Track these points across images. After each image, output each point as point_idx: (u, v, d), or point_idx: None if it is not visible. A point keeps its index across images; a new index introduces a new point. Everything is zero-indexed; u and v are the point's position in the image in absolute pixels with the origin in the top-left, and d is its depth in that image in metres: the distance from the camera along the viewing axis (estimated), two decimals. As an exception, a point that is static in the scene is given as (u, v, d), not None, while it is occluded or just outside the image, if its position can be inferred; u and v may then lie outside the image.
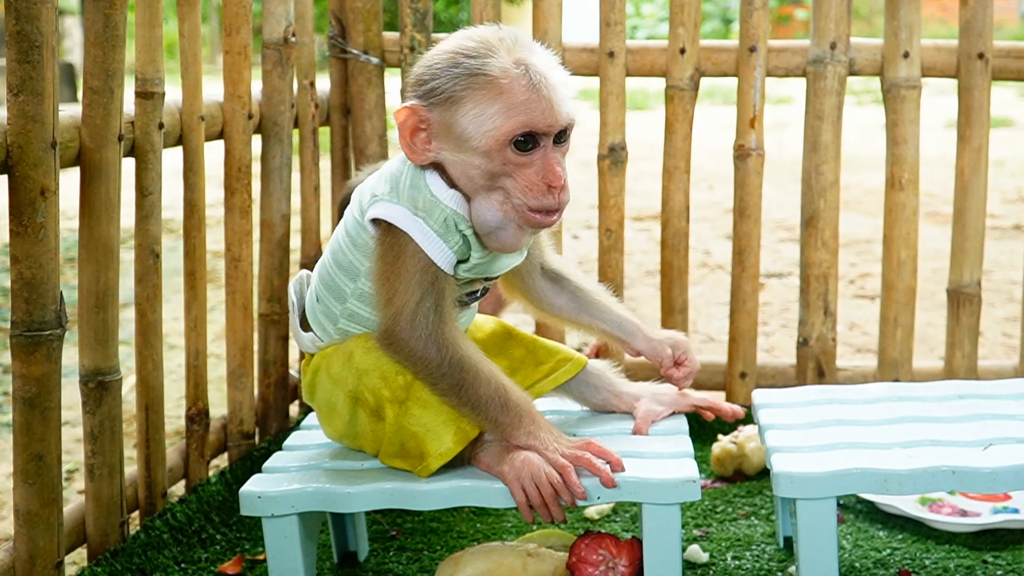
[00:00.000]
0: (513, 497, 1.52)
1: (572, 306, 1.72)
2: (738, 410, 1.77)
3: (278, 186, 2.27)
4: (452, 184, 1.51)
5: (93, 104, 1.69)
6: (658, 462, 1.55)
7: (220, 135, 2.16)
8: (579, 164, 6.31)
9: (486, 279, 1.62)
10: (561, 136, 1.50)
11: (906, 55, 2.36)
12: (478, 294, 1.64)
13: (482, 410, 1.52)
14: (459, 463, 1.57)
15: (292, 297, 1.70)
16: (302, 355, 1.69)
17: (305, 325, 1.68)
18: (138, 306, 1.91)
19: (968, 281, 2.41)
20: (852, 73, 2.41)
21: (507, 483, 1.52)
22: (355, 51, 2.51)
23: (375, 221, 1.53)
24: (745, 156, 2.42)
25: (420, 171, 1.53)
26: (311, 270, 1.73)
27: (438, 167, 1.52)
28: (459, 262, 1.54)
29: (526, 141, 1.46)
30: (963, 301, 2.42)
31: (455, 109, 1.47)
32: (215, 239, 3.84)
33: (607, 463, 1.51)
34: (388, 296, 1.51)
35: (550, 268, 1.72)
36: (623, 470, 1.52)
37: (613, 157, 2.47)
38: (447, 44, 1.51)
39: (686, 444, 1.65)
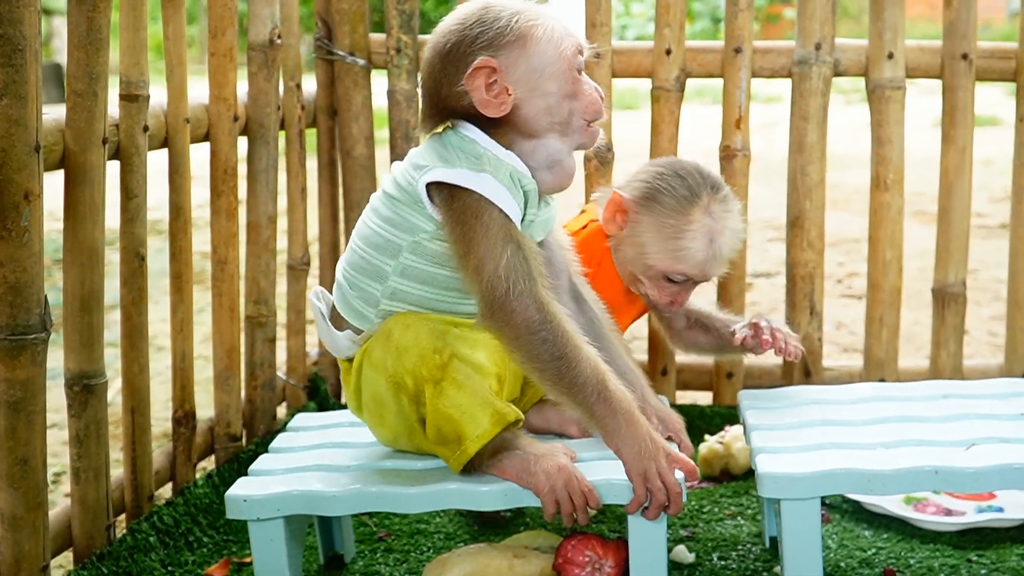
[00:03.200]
0: (544, 508, 1.51)
1: (587, 333, 1.64)
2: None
3: (264, 188, 2.27)
4: (506, 145, 1.55)
5: (77, 107, 1.69)
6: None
7: (206, 137, 2.16)
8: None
9: None
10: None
11: (890, 56, 2.37)
12: None
13: (579, 394, 1.48)
14: (479, 469, 1.55)
15: (318, 305, 1.68)
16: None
17: (338, 326, 1.66)
18: (124, 309, 1.90)
19: (953, 281, 2.42)
20: (837, 74, 2.42)
21: (540, 494, 1.50)
22: (341, 53, 2.51)
23: (434, 190, 1.51)
24: (731, 157, 2.43)
25: (467, 138, 1.54)
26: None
27: (489, 128, 1.55)
28: None
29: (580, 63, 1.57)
30: (948, 301, 2.43)
31: (527, 43, 1.53)
32: (203, 240, 3.84)
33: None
34: (477, 263, 1.49)
35: (575, 286, 1.72)
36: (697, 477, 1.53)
37: (600, 158, 2.47)
38: (474, 6, 1.58)
39: (672, 447, 1.65)
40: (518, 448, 1.54)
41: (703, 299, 2.06)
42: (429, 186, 1.53)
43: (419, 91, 1.69)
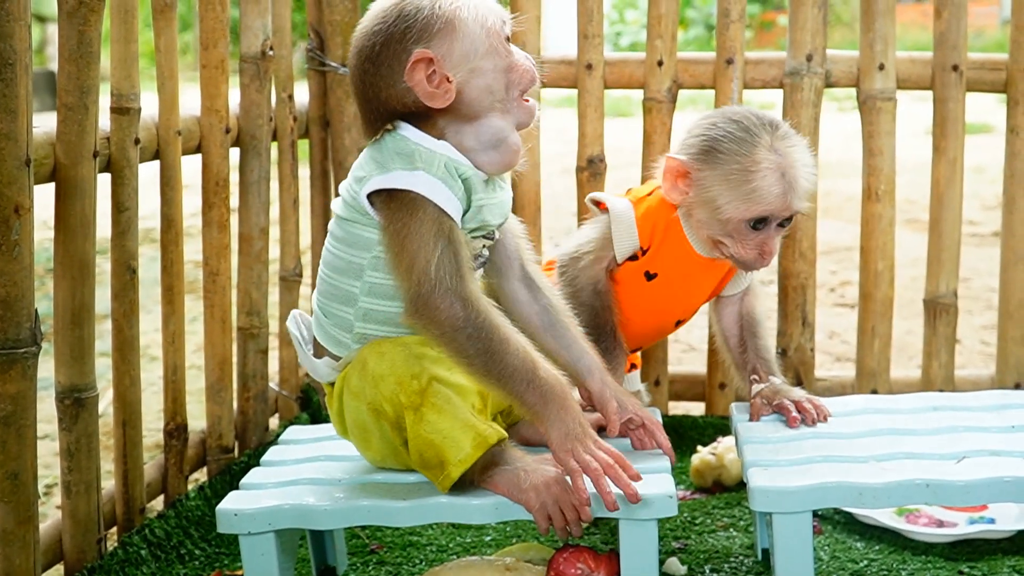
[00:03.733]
0: (537, 523, 1.51)
1: (541, 320, 1.69)
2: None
3: (256, 199, 2.27)
4: (438, 136, 1.54)
5: (68, 120, 1.69)
6: (634, 477, 1.56)
7: (197, 149, 2.16)
8: (562, 171, 6.32)
9: (486, 236, 1.61)
10: None
11: (881, 67, 2.38)
12: (481, 261, 1.63)
13: (508, 383, 1.48)
14: (470, 485, 1.54)
15: (295, 333, 1.68)
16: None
17: (317, 352, 1.66)
18: (115, 322, 1.90)
19: (944, 291, 2.43)
20: (829, 85, 2.42)
21: (532, 511, 1.51)
22: (334, 63, 2.51)
23: (373, 199, 1.52)
24: (723, 168, 2.43)
25: (400, 137, 1.54)
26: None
27: (421, 123, 1.54)
28: (463, 214, 1.53)
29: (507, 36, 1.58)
30: (939, 311, 2.43)
31: (456, 27, 1.53)
32: (195, 248, 3.84)
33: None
34: (408, 263, 1.49)
35: (528, 273, 1.71)
36: (640, 479, 1.51)
37: (592, 169, 2.48)
38: (389, 3, 1.56)
39: (663, 459, 1.65)
40: (507, 463, 1.54)
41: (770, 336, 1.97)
42: (371, 196, 1.53)
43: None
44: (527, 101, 1.59)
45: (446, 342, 1.50)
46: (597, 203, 1.93)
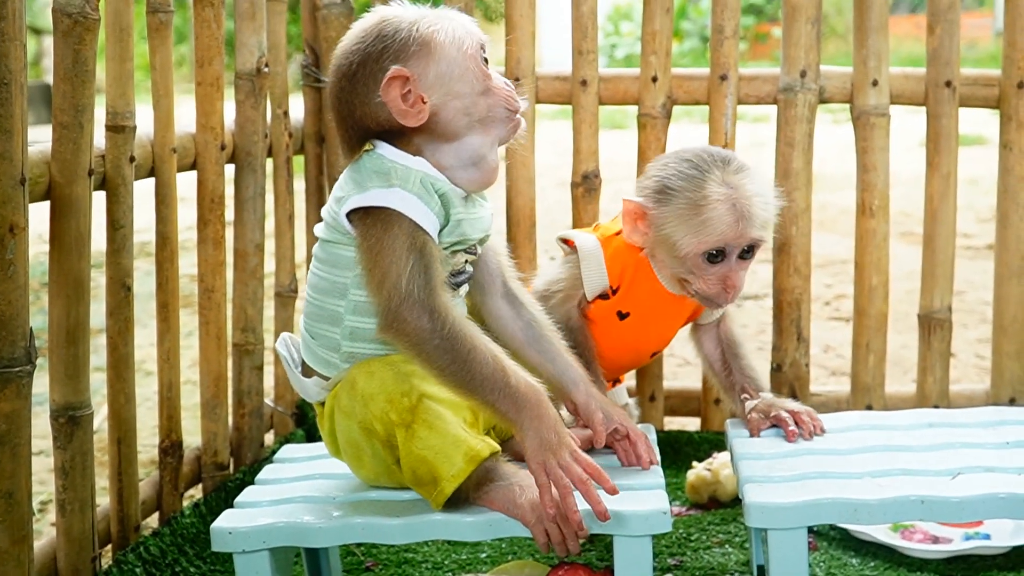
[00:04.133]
0: (535, 539, 1.51)
1: (525, 336, 1.70)
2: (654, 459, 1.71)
3: (251, 216, 2.27)
4: (414, 153, 1.56)
5: (63, 139, 1.69)
6: (629, 493, 1.56)
7: (193, 166, 2.17)
8: (557, 184, 6.33)
9: (467, 251, 1.61)
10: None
11: (875, 83, 2.39)
12: (464, 276, 1.64)
13: (481, 393, 1.49)
14: (465, 502, 1.54)
15: (285, 355, 1.68)
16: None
17: (306, 373, 1.66)
18: (110, 339, 1.90)
19: (939, 306, 2.43)
20: (822, 101, 2.43)
21: (528, 526, 1.50)
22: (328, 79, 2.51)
23: (352, 218, 1.53)
24: (717, 183, 2.43)
25: (377, 156, 1.55)
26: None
27: (398, 140, 1.56)
28: (441, 229, 1.54)
29: (485, 59, 1.59)
30: (934, 326, 2.44)
31: (432, 48, 1.54)
32: (190, 262, 3.84)
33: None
34: (380, 277, 1.50)
35: (511, 290, 1.72)
36: (616, 493, 1.50)
37: (587, 185, 2.48)
38: (370, 23, 1.59)
39: (657, 475, 1.65)
40: (502, 479, 1.54)
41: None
42: (350, 215, 1.54)
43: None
44: (513, 117, 1.60)
45: (416, 354, 1.50)
46: (566, 240, 1.94)
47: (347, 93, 1.57)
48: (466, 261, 1.63)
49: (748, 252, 1.80)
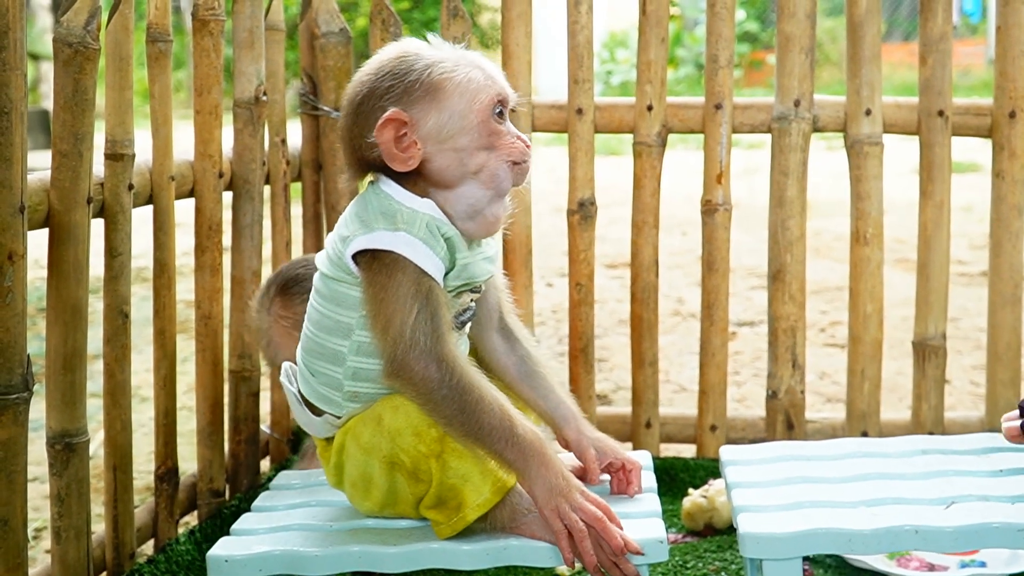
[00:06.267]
0: (585, 567, 1.50)
1: (518, 370, 1.70)
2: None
3: (249, 243, 2.28)
4: (421, 194, 1.54)
5: (62, 167, 1.70)
6: (625, 522, 1.56)
7: (191, 193, 2.18)
8: (554, 210, 6.34)
9: (472, 291, 1.61)
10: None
11: (868, 112, 2.41)
12: (469, 314, 1.63)
13: (486, 442, 1.49)
14: (499, 528, 1.54)
15: (290, 388, 1.67)
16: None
17: (316, 411, 1.65)
18: (107, 366, 1.90)
19: (933, 333, 2.44)
20: (816, 130, 2.45)
21: (573, 551, 1.50)
22: (326, 108, 2.53)
23: (357, 259, 1.52)
24: (712, 211, 2.45)
25: (384, 195, 1.54)
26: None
27: (405, 179, 1.54)
28: (446, 273, 1.53)
29: (501, 112, 1.55)
30: (928, 354, 2.45)
31: (438, 97, 1.51)
32: (187, 288, 3.84)
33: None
34: (384, 323, 1.50)
35: (506, 324, 1.72)
36: (621, 529, 1.50)
37: (583, 212, 2.49)
38: (389, 56, 1.56)
39: (654, 503, 1.66)
40: (532, 509, 1.54)
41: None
42: (356, 256, 1.53)
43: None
44: (518, 166, 1.56)
45: (423, 403, 1.50)
46: None
47: (350, 122, 1.57)
48: (472, 300, 1.63)
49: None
